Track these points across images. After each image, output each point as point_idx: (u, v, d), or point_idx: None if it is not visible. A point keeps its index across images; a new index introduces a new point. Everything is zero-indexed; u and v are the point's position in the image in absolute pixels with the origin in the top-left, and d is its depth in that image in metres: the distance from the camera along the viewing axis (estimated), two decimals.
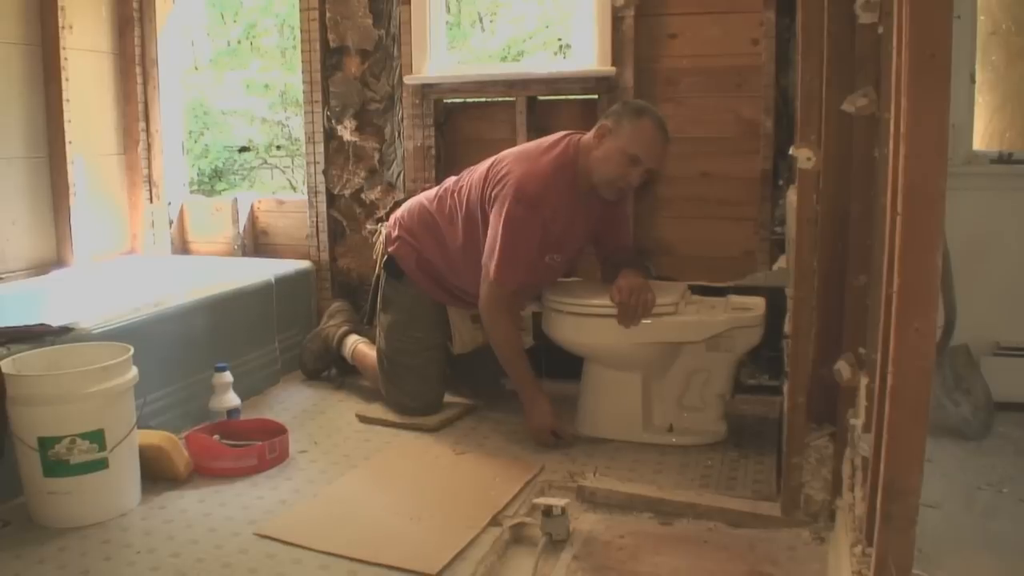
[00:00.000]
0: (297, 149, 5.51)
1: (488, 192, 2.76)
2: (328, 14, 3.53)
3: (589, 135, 2.75)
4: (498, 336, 2.77)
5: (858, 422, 1.70)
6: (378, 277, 3.10)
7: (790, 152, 2.01)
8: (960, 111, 2.95)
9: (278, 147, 5.90)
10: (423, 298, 2.96)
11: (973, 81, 3.01)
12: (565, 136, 2.81)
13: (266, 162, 5.98)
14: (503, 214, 2.67)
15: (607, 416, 2.76)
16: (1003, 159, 3.01)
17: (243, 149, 5.77)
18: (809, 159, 1.85)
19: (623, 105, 2.77)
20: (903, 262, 1.20)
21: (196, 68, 5.74)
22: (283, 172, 6.00)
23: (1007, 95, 3.11)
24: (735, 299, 2.78)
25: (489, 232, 2.72)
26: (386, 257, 3.02)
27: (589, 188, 2.76)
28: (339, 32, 3.53)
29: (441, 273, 2.95)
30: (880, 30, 1.68)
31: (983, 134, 3.11)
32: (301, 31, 3.59)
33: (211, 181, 5.73)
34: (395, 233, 3.00)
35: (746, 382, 3.09)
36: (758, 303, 2.72)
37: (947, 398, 2.69)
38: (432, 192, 3.02)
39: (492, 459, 2.59)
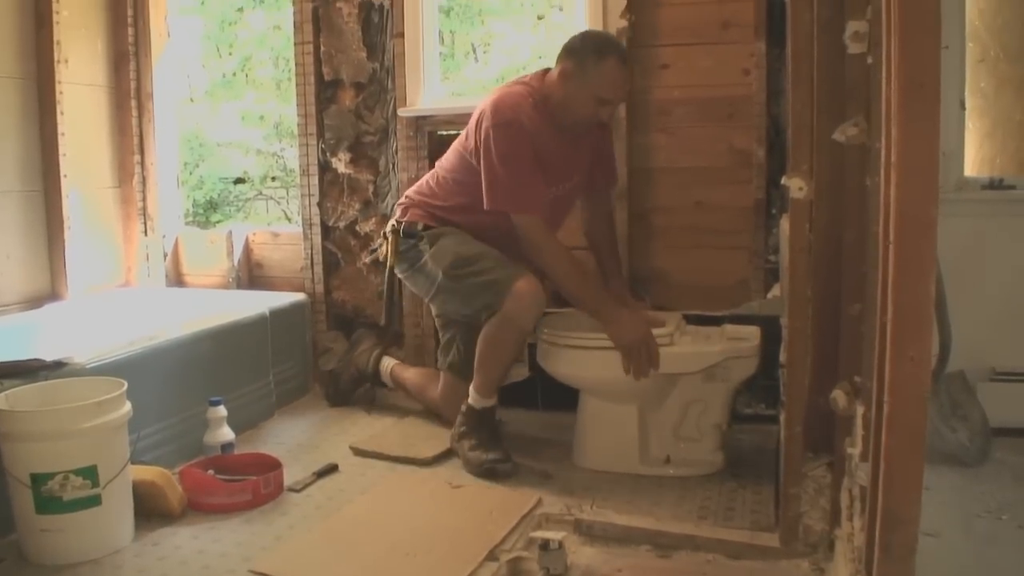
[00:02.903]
0: (292, 180, 5.52)
1: (476, 140, 2.74)
2: (322, 48, 3.56)
3: (553, 75, 2.73)
4: (557, 266, 2.70)
5: (855, 451, 1.70)
6: (391, 270, 3.01)
7: (782, 182, 2.02)
8: (951, 138, 2.97)
9: (273, 178, 5.92)
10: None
11: (963, 108, 3.03)
12: (533, 74, 2.82)
13: (261, 193, 5.99)
14: (491, 146, 2.65)
15: (604, 448, 2.74)
16: (994, 185, 3.03)
17: (238, 180, 5.78)
18: (801, 189, 1.86)
19: (582, 42, 2.71)
20: (897, 291, 1.20)
21: (191, 100, 5.76)
22: (278, 203, 6.01)
23: (997, 121, 3.14)
24: (730, 328, 2.77)
25: (486, 172, 2.68)
26: (403, 226, 2.91)
27: (561, 122, 2.75)
28: (333, 65, 3.55)
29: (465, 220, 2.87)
30: (869, 60, 1.69)
31: (974, 160, 3.13)
32: (296, 64, 3.61)
33: (206, 212, 5.73)
34: (402, 210, 2.97)
35: (742, 411, 3.09)
36: (753, 332, 2.72)
37: (944, 425, 2.68)
38: (424, 182, 3.00)
39: (488, 492, 2.58)
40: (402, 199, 3.05)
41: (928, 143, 1.18)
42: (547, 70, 2.80)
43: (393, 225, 2.98)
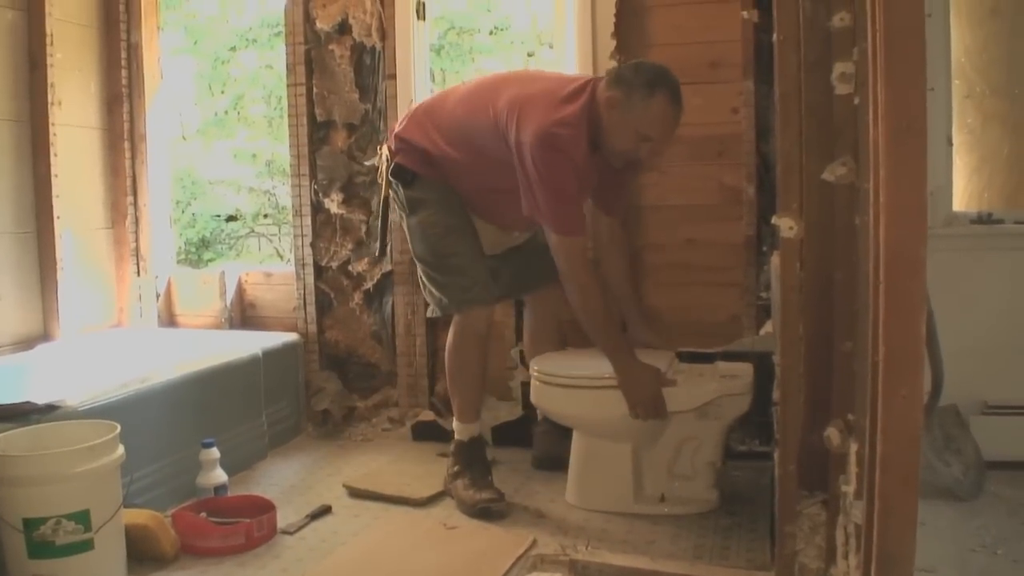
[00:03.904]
0: (284, 217, 5.54)
1: (512, 137, 2.60)
2: (315, 89, 3.58)
3: (602, 95, 2.56)
4: (583, 300, 2.63)
5: (850, 489, 1.70)
6: (385, 199, 2.97)
7: (773, 221, 2.03)
8: (939, 174, 2.99)
9: (265, 216, 5.93)
10: (449, 189, 2.80)
11: (950, 144, 3.06)
12: (588, 83, 2.63)
13: (253, 231, 6.01)
14: (534, 164, 2.53)
15: (598, 487, 2.74)
16: (982, 219, 3.06)
17: (230, 218, 5.79)
18: (791, 228, 1.87)
19: (635, 73, 2.55)
20: (887, 330, 1.20)
21: (184, 138, 5.79)
22: (270, 241, 6.02)
23: (984, 156, 3.17)
24: (723, 366, 2.78)
25: (524, 181, 2.59)
26: (392, 166, 2.82)
27: (601, 148, 2.63)
28: (326, 107, 3.58)
29: (455, 172, 2.79)
30: (856, 101, 1.71)
31: (962, 195, 3.16)
32: (288, 105, 3.64)
33: (198, 251, 5.74)
34: (396, 144, 2.85)
35: (737, 448, 3.08)
36: (746, 370, 2.72)
37: (938, 459, 2.68)
38: (425, 122, 2.83)
39: (482, 532, 2.57)
40: (399, 132, 2.87)
41: (916, 184, 1.19)
42: (596, 79, 2.66)
43: (387, 156, 2.88)
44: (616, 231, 2.97)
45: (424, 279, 2.87)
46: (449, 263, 2.79)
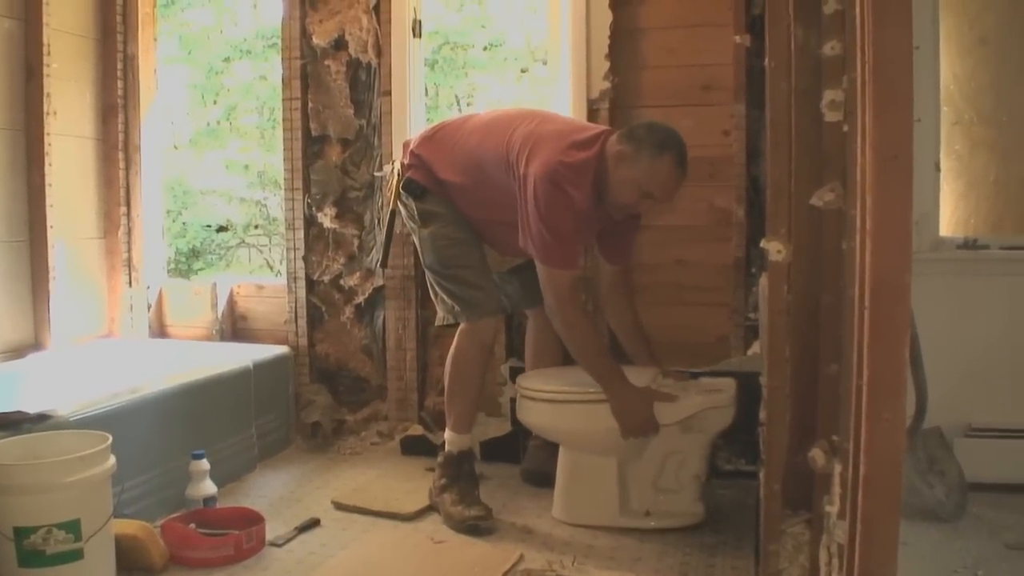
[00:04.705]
0: (275, 228, 5.55)
1: (520, 170, 2.66)
2: (311, 104, 3.61)
3: (612, 148, 2.64)
4: (574, 333, 2.68)
5: (833, 509, 1.72)
6: (392, 214, 3.06)
7: (761, 245, 2.06)
8: (926, 200, 3.04)
9: (256, 227, 5.94)
10: (458, 208, 2.87)
11: (938, 170, 3.10)
12: (601, 135, 2.70)
13: (244, 241, 6.01)
14: (536, 196, 2.59)
15: (584, 501, 2.75)
16: (968, 245, 3.09)
17: (221, 229, 5.80)
18: (780, 252, 1.90)
19: (648, 132, 2.63)
20: (871, 354, 1.23)
21: (176, 147, 5.80)
22: (260, 251, 6.02)
23: (971, 183, 3.21)
24: (706, 381, 2.81)
25: (522, 214, 2.65)
26: (404, 180, 2.88)
27: (604, 197, 2.69)
28: (321, 121, 3.60)
29: (459, 196, 2.85)
30: (845, 128, 1.74)
31: (949, 220, 3.19)
32: (283, 119, 3.66)
33: (188, 260, 5.74)
34: (409, 159, 2.91)
35: (723, 467, 3.11)
36: (728, 384, 2.76)
37: (921, 480, 2.71)
38: (439, 143, 2.89)
39: (470, 547, 2.58)
40: (413, 148, 2.93)
41: (901, 213, 1.22)
42: (612, 133, 2.71)
43: (399, 171, 2.95)
44: (619, 280, 3.00)
45: (436, 287, 2.91)
46: (457, 274, 2.84)
